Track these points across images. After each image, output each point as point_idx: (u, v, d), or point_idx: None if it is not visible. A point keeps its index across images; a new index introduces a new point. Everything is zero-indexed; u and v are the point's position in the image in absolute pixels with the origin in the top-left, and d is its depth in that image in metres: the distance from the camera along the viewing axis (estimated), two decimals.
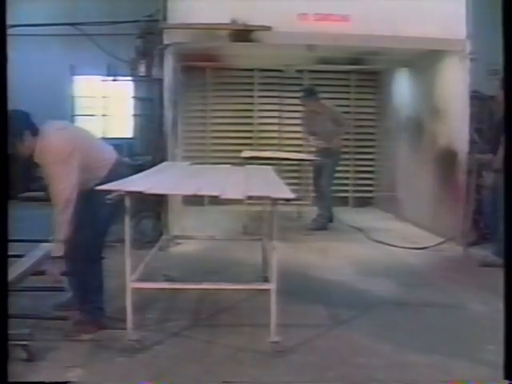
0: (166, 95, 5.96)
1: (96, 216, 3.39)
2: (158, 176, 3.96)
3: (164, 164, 5.01)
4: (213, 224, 7.19)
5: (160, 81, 5.97)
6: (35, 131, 3.29)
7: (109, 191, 3.10)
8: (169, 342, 3.35)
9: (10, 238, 2.24)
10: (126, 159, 6.45)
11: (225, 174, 4.34)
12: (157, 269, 4.32)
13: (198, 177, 4.07)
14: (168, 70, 5.93)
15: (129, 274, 3.23)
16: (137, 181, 3.52)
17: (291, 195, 3.07)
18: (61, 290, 3.56)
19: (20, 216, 3.61)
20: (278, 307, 3.19)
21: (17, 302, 3.51)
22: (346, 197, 9.15)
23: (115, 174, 3.41)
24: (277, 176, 4.32)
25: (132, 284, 3.23)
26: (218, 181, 3.86)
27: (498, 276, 2.28)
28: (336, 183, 8.10)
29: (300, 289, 4.48)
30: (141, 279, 3.37)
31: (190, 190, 3.32)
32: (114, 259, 4.59)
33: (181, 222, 6.34)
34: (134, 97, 8.10)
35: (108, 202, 3.07)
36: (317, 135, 7.28)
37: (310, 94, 7.24)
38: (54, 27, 8.89)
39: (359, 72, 8.95)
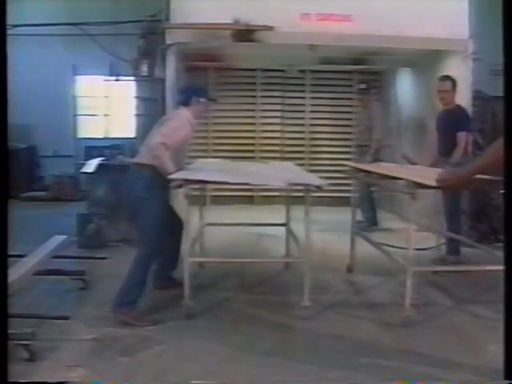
0: (169, 95, 5.96)
1: None
2: (207, 170, 4.47)
3: (199, 161, 5.37)
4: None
5: (162, 81, 5.98)
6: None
7: (181, 180, 3.68)
8: (170, 342, 3.35)
9: (12, 237, 2.24)
10: (128, 159, 6.47)
11: (260, 169, 5.02)
12: None
13: (242, 170, 4.68)
14: (170, 69, 5.94)
15: (187, 250, 3.80)
16: (197, 173, 4.15)
17: (324, 183, 3.78)
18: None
19: (22, 216, 3.62)
20: None
21: (18, 302, 3.52)
22: (348, 197, 9.12)
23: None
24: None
25: (190, 259, 3.78)
26: (260, 174, 4.55)
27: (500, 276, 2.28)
28: (338, 183, 8.11)
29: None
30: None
31: (248, 181, 4.24)
32: (117, 259, 4.62)
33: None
34: (136, 97, 8.09)
35: None
36: (360, 131, 7.36)
37: (365, 86, 7.21)
38: (57, 27, 8.91)
39: (362, 72, 8.94)
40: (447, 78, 5.39)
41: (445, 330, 3.61)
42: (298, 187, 3.96)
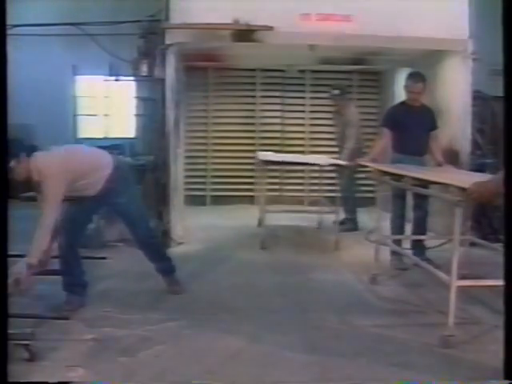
0: (168, 95, 5.96)
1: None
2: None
3: (259, 153, 6.73)
4: (215, 223, 7.19)
5: (162, 81, 5.97)
6: (29, 153, 3.70)
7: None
8: (170, 342, 3.35)
9: (11, 238, 2.24)
10: (128, 159, 6.47)
11: (304, 156, 7.20)
12: None
13: (297, 158, 6.93)
14: (170, 69, 5.93)
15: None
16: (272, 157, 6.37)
17: (352, 164, 5.96)
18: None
19: (21, 216, 3.61)
20: None
21: (18, 302, 3.52)
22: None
23: (113, 183, 3.87)
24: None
25: (264, 213, 6.00)
26: (307, 158, 6.80)
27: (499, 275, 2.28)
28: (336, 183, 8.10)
29: (305, 286, 4.51)
30: None
31: (306, 161, 6.78)
32: (117, 259, 4.62)
33: (183, 221, 6.34)
34: (136, 97, 8.10)
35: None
36: (337, 136, 7.34)
37: (339, 92, 7.10)
38: (57, 27, 8.90)
39: (361, 72, 8.95)
40: (419, 77, 5.19)
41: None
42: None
